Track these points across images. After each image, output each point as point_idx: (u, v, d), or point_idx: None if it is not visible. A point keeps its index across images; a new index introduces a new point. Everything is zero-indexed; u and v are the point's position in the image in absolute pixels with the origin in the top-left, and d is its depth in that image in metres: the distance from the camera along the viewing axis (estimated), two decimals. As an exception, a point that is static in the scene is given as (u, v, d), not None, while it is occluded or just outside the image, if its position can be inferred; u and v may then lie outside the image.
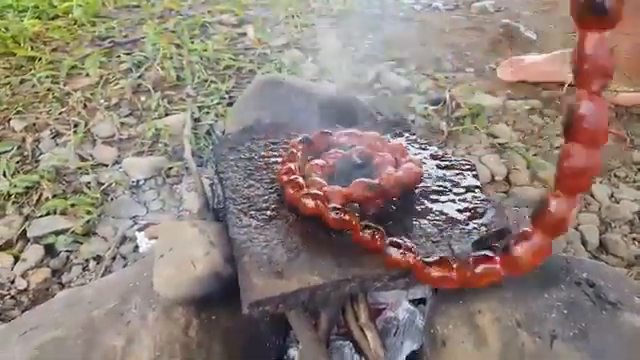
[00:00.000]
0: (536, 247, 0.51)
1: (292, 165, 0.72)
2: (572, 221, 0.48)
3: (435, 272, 0.57)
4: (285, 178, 0.69)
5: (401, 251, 0.57)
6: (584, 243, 1.01)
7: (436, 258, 0.57)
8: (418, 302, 0.75)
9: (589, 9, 0.41)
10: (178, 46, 1.57)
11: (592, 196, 1.12)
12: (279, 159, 0.78)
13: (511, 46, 1.65)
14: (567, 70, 1.42)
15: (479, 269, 0.55)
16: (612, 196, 1.12)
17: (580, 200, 0.49)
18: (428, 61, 1.59)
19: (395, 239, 0.59)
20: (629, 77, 1.24)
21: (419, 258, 0.57)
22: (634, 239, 1.04)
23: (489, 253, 0.56)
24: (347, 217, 0.61)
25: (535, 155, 1.21)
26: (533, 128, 1.31)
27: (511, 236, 0.53)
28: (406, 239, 0.60)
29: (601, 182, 1.15)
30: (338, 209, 0.61)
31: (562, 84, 1.39)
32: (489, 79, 1.50)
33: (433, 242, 0.64)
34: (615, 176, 1.18)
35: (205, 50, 1.53)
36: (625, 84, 1.28)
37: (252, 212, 0.68)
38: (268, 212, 0.69)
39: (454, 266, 0.56)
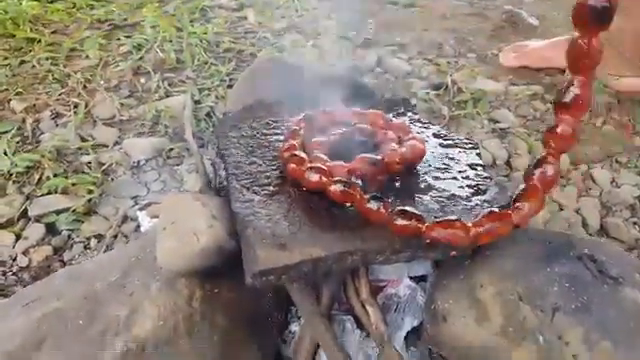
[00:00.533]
0: (539, 200, 0.59)
1: (294, 142, 0.72)
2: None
3: (449, 230, 0.57)
4: (287, 154, 0.69)
5: (410, 218, 0.58)
6: (585, 227, 1.02)
7: (448, 218, 0.58)
8: (419, 279, 0.75)
9: (592, 19, 0.51)
10: (178, 29, 1.56)
11: (593, 181, 1.12)
12: (281, 137, 0.78)
13: (514, 32, 1.65)
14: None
15: (491, 224, 0.58)
16: (613, 181, 1.13)
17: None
18: (430, 46, 1.58)
19: (403, 208, 0.59)
20: (632, 62, 1.24)
21: (429, 223, 0.58)
22: (635, 223, 1.04)
23: (498, 209, 0.58)
24: (351, 190, 0.61)
25: (537, 140, 1.21)
26: (535, 113, 1.30)
27: (518, 193, 0.59)
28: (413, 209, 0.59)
29: (602, 167, 1.16)
30: (342, 182, 0.61)
31: (564, 70, 1.38)
32: (491, 65, 1.49)
33: (435, 218, 0.64)
34: (616, 161, 1.18)
35: (205, 33, 1.52)
36: (628, 70, 1.28)
37: (255, 187, 0.68)
38: (270, 188, 0.69)
39: (466, 224, 0.56)
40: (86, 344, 0.56)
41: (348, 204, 0.63)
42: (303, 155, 0.67)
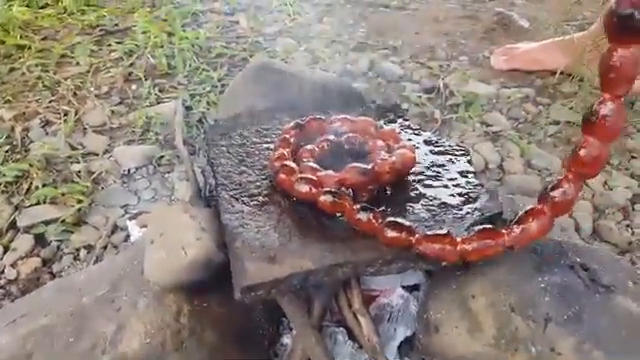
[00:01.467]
0: (543, 223, 0.55)
1: (284, 151, 0.71)
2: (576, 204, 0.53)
3: (437, 245, 0.56)
4: (277, 164, 0.68)
5: (400, 230, 0.57)
6: (578, 230, 1.01)
7: (437, 232, 0.57)
8: (412, 288, 0.75)
9: (626, 28, 0.44)
10: (169, 34, 1.55)
11: (585, 184, 1.12)
12: (271, 145, 0.77)
13: (505, 34, 1.65)
14: (560, 58, 1.42)
15: (482, 241, 0.56)
16: (605, 183, 1.13)
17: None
18: (422, 49, 1.58)
19: (393, 219, 0.58)
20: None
21: (419, 235, 0.57)
22: (627, 226, 1.04)
23: (492, 227, 0.56)
24: (341, 200, 0.60)
25: (529, 143, 1.20)
26: (527, 116, 1.30)
27: (523, 211, 0.57)
28: (403, 219, 0.59)
29: (594, 170, 1.15)
30: (332, 192, 0.61)
31: (555, 72, 1.39)
32: (483, 67, 1.49)
33: (426, 227, 0.63)
34: (608, 164, 1.17)
35: (197, 38, 1.51)
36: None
37: (244, 198, 0.68)
38: (260, 198, 0.68)
39: (456, 239, 0.56)
40: (73, 362, 0.55)
41: (338, 214, 0.62)
42: (293, 165, 0.67)
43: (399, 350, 0.69)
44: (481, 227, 0.56)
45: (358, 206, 0.60)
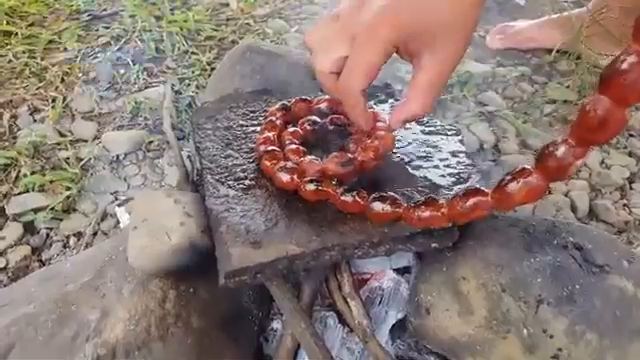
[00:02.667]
0: (531, 186, 0.48)
1: (270, 134, 0.69)
2: (573, 172, 0.46)
3: (425, 212, 0.54)
4: (262, 148, 0.67)
5: (387, 203, 0.56)
6: (574, 210, 1.00)
7: (423, 199, 0.55)
8: (403, 271, 0.74)
9: None
10: (158, 18, 1.52)
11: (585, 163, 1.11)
12: (258, 128, 0.75)
13: (500, 13, 1.61)
14: (557, 36, 1.39)
15: (469, 202, 0.52)
16: (603, 162, 1.11)
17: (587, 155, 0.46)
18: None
19: (378, 194, 0.57)
20: (619, 40, 1.21)
21: (406, 204, 0.56)
22: (624, 205, 1.03)
23: (479, 187, 0.53)
24: (324, 187, 0.59)
25: (524, 123, 1.19)
26: (522, 95, 1.28)
27: (509, 172, 0.50)
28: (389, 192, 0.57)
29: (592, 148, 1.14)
30: (314, 180, 0.59)
31: (551, 50, 1.36)
32: (478, 46, 1.46)
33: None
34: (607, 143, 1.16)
35: (185, 21, 1.48)
36: (615, 48, 1.25)
37: (230, 182, 0.66)
38: (246, 182, 0.66)
39: (443, 202, 0.54)
40: (55, 350, 0.54)
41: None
42: (277, 150, 0.65)
43: (391, 333, 0.68)
44: (463, 189, 0.54)
45: (341, 189, 0.58)
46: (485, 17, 1.62)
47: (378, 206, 0.56)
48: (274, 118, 0.71)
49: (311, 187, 0.59)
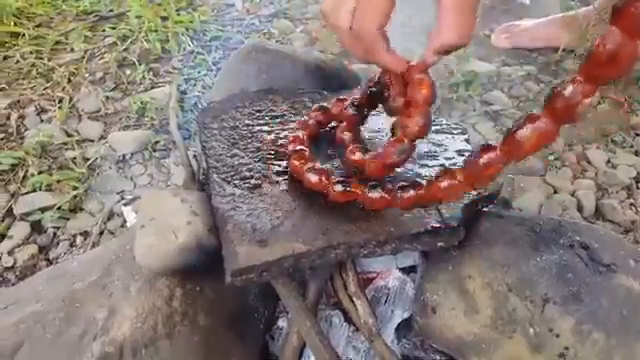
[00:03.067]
0: (541, 131, 0.46)
1: (300, 133, 0.69)
2: (584, 111, 0.44)
3: (444, 182, 0.53)
4: (291, 147, 0.67)
5: (409, 188, 0.56)
6: (580, 209, 1.00)
7: (439, 171, 0.55)
8: (409, 270, 0.74)
9: None
10: (164, 18, 1.52)
11: (588, 162, 1.10)
12: (265, 127, 0.76)
13: (505, 12, 1.61)
14: (563, 34, 1.39)
15: (481, 161, 0.50)
16: (609, 161, 1.11)
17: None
18: (420, 28, 1.55)
19: (401, 183, 0.57)
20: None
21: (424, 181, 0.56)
22: (631, 205, 1.02)
23: (486, 144, 0.52)
24: (353, 188, 0.58)
25: (530, 122, 1.18)
26: (528, 94, 1.28)
27: (516, 121, 0.49)
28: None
29: (598, 147, 1.13)
30: (342, 182, 0.59)
31: (557, 49, 1.36)
32: (483, 46, 1.46)
33: (421, 206, 0.62)
34: (612, 141, 1.15)
35: (191, 22, 1.48)
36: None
37: (236, 181, 0.66)
38: (252, 181, 0.66)
39: (456, 170, 0.53)
40: (63, 349, 0.54)
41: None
42: (305, 150, 0.65)
43: (396, 332, 0.68)
44: (473, 150, 0.52)
45: (367, 188, 0.58)
46: (490, 16, 1.62)
47: (404, 194, 0.56)
48: (308, 118, 0.71)
49: (339, 188, 0.59)
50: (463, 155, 0.71)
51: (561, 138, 1.14)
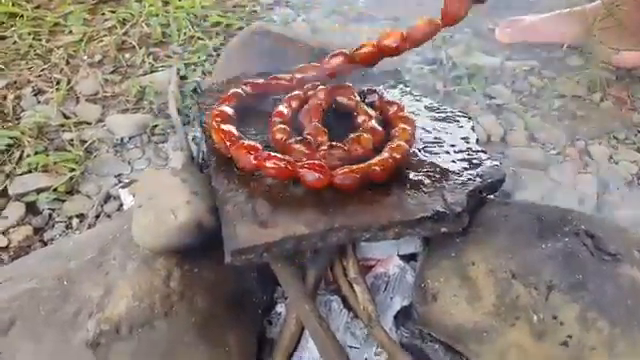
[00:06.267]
0: None
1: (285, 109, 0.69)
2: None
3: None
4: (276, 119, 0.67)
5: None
6: (581, 204, 0.99)
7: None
8: (409, 258, 0.73)
9: None
10: (165, 3, 1.50)
11: (590, 157, 1.10)
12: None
13: (509, 6, 1.60)
14: (567, 30, 1.37)
15: None
16: (611, 157, 1.10)
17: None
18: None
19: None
20: (633, 34, 1.20)
21: None
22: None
23: None
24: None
25: (533, 116, 1.17)
26: (531, 89, 1.27)
27: None
28: None
29: (600, 143, 1.13)
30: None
31: (561, 45, 1.35)
32: (487, 39, 1.45)
33: (425, 193, 0.61)
34: (614, 137, 1.15)
35: (192, 7, 1.47)
36: (629, 42, 1.24)
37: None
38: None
39: None
40: (58, 326, 0.53)
41: None
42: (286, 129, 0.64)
43: (395, 320, 0.67)
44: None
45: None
46: (495, 10, 1.60)
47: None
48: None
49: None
50: (468, 143, 0.70)
51: (563, 133, 1.13)
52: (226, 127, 0.63)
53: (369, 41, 0.72)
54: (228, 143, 0.61)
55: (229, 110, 0.67)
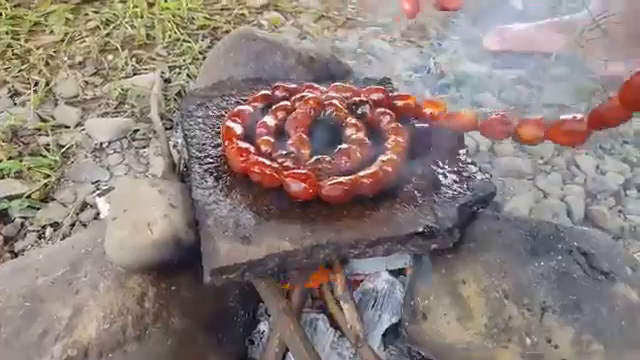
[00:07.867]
0: None
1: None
2: None
3: None
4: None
5: None
6: (570, 215, 0.98)
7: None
8: (398, 273, 0.70)
9: None
10: (150, 4, 1.47)
11: (578, 167, 1.09)
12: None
13: (498, 15, 1.59)
14: (555, 40, 1.37)
15: None
16: (598, 168, 1.09)
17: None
18: (413, 28, 1.52)
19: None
20: (620, 45, 1.19)
21: None
22: (620, 211, 1.01)
23: None
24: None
25: (521, 126, 1.16)
26: (519, 98, 1.26)
27: None
28: None
29: (587, 154, 1.12)
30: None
31: (549, 54, 1.34)
32: (475, 48, 1.44)
33: (415, 206, 0.59)
34: (601, 148, 1.14)
35: (178, 9, 1.43)
36: (616, 53, 1.23)
37: (219, 173, 0.62)
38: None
39: None
40: (21, 349, 0.49)
41: None
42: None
43: (383, 338, 0.65)
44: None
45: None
46: (483, 19, 1.59)
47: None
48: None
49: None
50: (458, 155, 0.68)
51: (550, 144, 1.12)
52: (232, 124, 0.61)
53: None
54: (226, 142, 0.59)
55: (249, 109, 0.65)
